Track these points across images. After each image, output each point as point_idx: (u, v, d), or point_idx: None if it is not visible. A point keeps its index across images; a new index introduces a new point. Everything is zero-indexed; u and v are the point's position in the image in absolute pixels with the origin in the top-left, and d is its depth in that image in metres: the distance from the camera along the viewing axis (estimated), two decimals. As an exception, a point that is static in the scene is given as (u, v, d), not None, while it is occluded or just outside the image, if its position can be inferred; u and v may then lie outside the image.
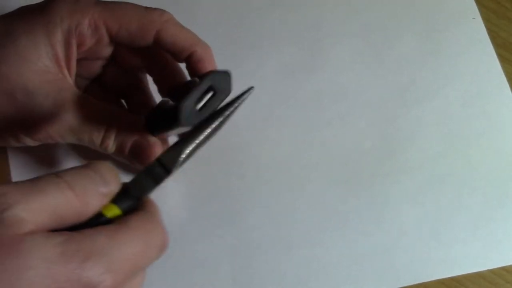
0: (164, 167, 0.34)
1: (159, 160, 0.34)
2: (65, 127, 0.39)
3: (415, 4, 0.57)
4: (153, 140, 0.41)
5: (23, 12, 0.41)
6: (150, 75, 0.46)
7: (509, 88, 0.54)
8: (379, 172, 0.50)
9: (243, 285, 0.46)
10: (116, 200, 0.31)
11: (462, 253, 0.48)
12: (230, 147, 0.49)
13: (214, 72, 0.39)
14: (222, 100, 0.38)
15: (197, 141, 0.35)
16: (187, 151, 0.35)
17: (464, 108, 0.53)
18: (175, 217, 0.47)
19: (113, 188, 0.31)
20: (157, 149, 0.41)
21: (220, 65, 0.51)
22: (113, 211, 0.31)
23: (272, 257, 0.47)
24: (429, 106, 0.53)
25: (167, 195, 0.47)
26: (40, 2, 0.41)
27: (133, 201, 0.32)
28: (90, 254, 0.27)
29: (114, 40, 0.42)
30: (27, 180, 0.28)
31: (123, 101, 0.48)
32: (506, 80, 0.54)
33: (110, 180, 0.31)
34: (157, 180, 0.33)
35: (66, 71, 0.40)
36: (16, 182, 0.28)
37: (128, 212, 0.31)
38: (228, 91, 0.39)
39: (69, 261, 0.26)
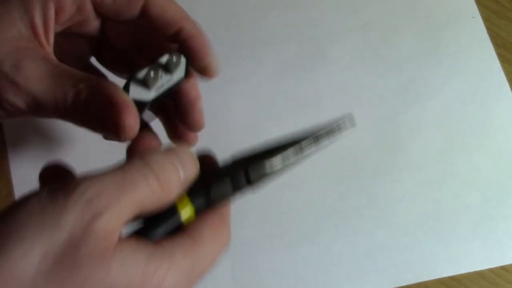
0: (248, 179, 0.33)
1: (245, 170, 0.32)
2: (30, 96, 0.35)
3: (415, 2, 0.57)
4: (116, 91, 0.36)
5: None
6: (139, 58, 0.43)
7: (508, 87, 0.54)
8: (379, 170, 0.50)
9: (243, 284, 0.46)
10: (191, 193, 0.31)
11: (462, 252, 0.48)
12: (230, 145, 0.49)
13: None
14: (174, 82, 0.37)
15: (287, 162, 0.34)
16: (275, 167, 0.33)
17: (464, 107, 0.53)
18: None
19: (192, 174, 0.31)
20: (128, 109, 0.35)
21: (219, 63, 0.51)
22: (187, 209, 0.30)
23: (272, 256, 0.47)
24: (429, 104, 0.53)
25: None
26: None
27: (207, 201, 0.31)
28: (167, 273, 0.28)
29: (99, 11, 0.39)
30: (116, 169, 0.28)
31: None
32: (505, 79, 0.54)
33: (190, 167, 0.30)
34: (239, 190, 0.32)
35: (43, 39, 0.37)
36: (105, 174, 0.28)
37: (200, 210, 0.31)
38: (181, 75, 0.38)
39: (148, 282, 0.27)
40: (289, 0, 0.55)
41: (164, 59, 0.37)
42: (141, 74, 0.36)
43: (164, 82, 0.37)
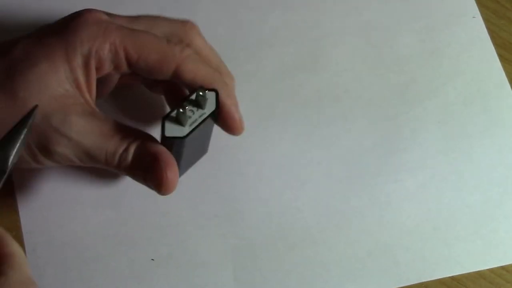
0: None
1: None
2: (79, 150, 0.39)
3: (415, 2, 0.57)
4: (161, 148, 0.40)
5: (43, 34, 0.40)
6: (168, 103, 0.47)
7: (509, 87, 0.54)
8: (380, 170, 0.51)
9: (245, 285, 0.46)
10: None
11: (463, 252, 0.48)
12: (231, 146, 0.49)
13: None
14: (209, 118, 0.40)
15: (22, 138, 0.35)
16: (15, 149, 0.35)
17: (465, 107, 0.53)
18: (175, 216, 0.47)
19: None
20: (170, 166, 0.39)
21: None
22: None
23: (274, 256, 0.47)
24: (430, 104, 0.53)
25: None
26: (60, 21, 0.41)
27: None
28: None
29: (132, 69, 0.41)
30: None
31: None
32: (506, 79, 0.54)
33: None
34: None
35: (87, 95, 0.40)
36: None
37: None
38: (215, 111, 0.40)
39: None
40: (290, 0, 0.55)
41: (193, 96, 0.39)
42: (174, 113, 0.38)
43: (197, 117, 0.39)
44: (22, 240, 0.44)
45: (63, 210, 0.46)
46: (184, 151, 0.41)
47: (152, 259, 0.45)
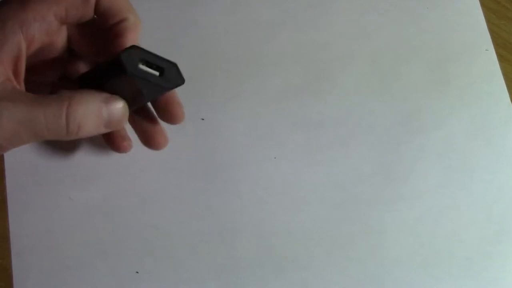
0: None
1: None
2: (15, 125, 0.37)
3: (427, 31, 0.56)
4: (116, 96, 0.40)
5: None
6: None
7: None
8: (377, 199, 0.50)
9: (229, 305, 0.46)
10: None
11: (453, 289, 0.48)
12: (228, 164, 0.49)
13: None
14: (164, 88, 0.40)
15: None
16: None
17: (469, 140, 0.53)
18: (165, 230, 0.47)
19: None
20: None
21: (223, 80, 0.51)
22: None
23: (260, 279, 0.47)
24: (433, 135, 0.52)
25: (158, 207, 0.47)
26: None
27: None
28: None
29: (64, 22, 0.41)
30: None
31: None
32: (514, 114, 0.54)
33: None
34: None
35: (11, 74, 0.38)
36: None
37: None
38: (174, 83, 0.40)
39: None
40: (300, 21, 0.55)
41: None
42: (136, 51, 0.39)
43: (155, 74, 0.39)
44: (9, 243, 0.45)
45: (51, 215, 0.46)
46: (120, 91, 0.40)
47: (137, 272, 0.45)
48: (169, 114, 0.44)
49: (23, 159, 0.47)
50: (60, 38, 0.43)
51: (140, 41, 0.42)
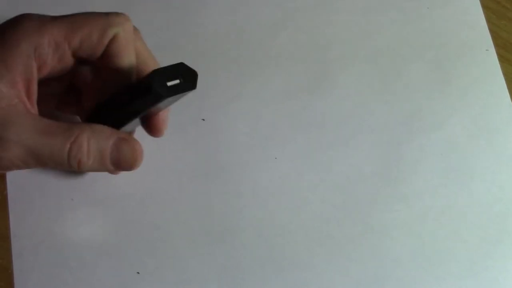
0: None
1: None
2: (21, 151, 0.37)
3: (428, 32, 0.56)
4: (132, 137, 0.40)
5: None
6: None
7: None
8: (377, 199, 0.50)
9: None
10: None
11: (454, 289, 0.48)
12: (229, 165, 0.49)
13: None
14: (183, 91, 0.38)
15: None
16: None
17: (470, 141, 0.53)
18: (166, 231, 0.47)
19: None
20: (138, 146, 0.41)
21: (224, 80, 0.51)
22: None
23: (261, 279, 0.46)
24: (434, 135, 0.53)
25: (159, 207, 0.47)
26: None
27: None
28: None
29: (78, 54, 0.40)
30: None
31: None
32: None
33: None
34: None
35: (23, 95, 0.38)
36: None
37: None
38: (192, 86, 0.38)
39: None
40: (302, 21, 0.55)
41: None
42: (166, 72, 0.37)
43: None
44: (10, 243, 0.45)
45: (52, 215, 0.46)
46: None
47: (138, 272, 0.45)
48: (153, 128, 0.44)
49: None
50: (70, 66, 0.41)
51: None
